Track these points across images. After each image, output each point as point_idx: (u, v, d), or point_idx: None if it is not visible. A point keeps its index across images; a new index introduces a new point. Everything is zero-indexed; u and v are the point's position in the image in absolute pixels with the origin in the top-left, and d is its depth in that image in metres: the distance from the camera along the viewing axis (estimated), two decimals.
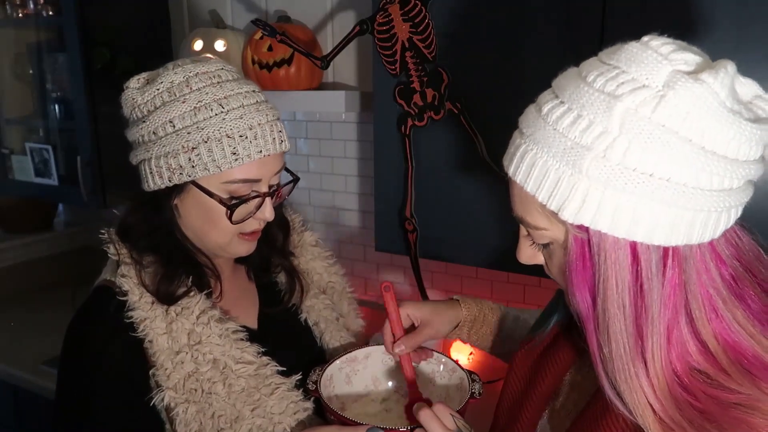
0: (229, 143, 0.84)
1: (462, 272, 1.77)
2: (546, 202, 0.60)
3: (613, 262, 0.59)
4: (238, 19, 1.94)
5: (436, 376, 0.99)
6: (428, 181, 1.36)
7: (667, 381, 0.60)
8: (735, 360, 0.59)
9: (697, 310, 0.59)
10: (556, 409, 0.79)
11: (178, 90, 0.85)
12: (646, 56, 0.56)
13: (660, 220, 0.56)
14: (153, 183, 0.88)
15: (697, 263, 0.59)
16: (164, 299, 0.88)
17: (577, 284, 0.62)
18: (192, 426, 0.84)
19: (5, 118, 2.17)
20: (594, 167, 0.56)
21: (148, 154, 0.87)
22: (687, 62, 0.56)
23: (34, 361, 1.91)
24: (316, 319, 1.07)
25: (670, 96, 0.54)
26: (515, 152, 0.63)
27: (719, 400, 0.58)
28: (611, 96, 0.56)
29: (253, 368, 0.89)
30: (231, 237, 0.91)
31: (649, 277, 0.58)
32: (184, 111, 0.84)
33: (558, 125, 0.59)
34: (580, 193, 0.57)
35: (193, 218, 0.90)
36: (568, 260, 0.63)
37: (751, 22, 0.98)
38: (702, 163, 0.54)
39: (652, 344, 0.59)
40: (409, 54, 1.30)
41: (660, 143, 0.54)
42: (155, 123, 0.85)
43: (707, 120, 0.54)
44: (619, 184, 0.56)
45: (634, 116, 0.55)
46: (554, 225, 0.63)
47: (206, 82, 0.86)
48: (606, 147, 0.56)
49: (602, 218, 0.57)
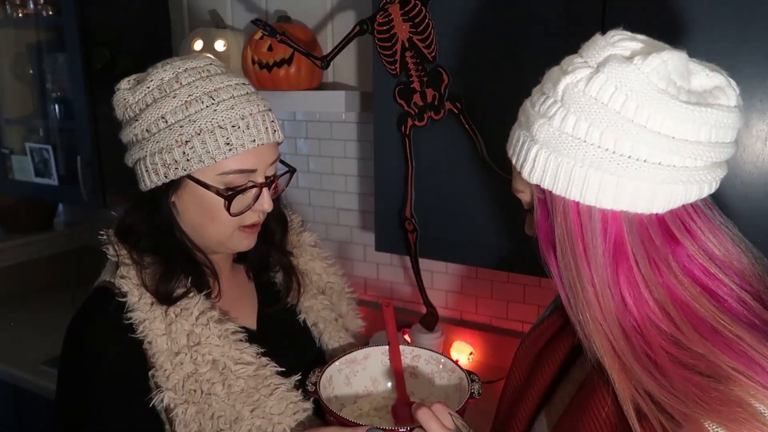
0: (222, 134, 0.85)
1: (462, 272, 1.77)
2: (514, 163, 0.70)
3: (562, 219, 0.67)
4: (238, 19, 1.94)
5: (435, 376, 0.99)
6: (428, 181, 1.36)
7: (621, 326, 0.66)
8: (686, 318, 0.64)
9: (646, 272, 0.65)
10: (554, 402, 0.81)
11: (168, 86, 0.86)
12: (598, 43, 0.65)
13: (591, 182, 0.63)
14: (149, 181, 0.88)
15: (641, 232, 0.65)
16: (163, 299, 0.88)
17: (542, 240, 0.71)
18: (191, 427, 0.84)
19: (5, 118, 2.17)
20: (541, 131, 0.65)
21: (143, 152, 0.87)
22: (628, 48, 0.64)
23: (34, 361, 1.91)
24: (315, 319, 1.07)
25: (601, 73, 0.62)
26: (511, 132, 0.73)
27: (672, 355, 0.63)
28: (562, 72, 0.66)
29: (252, 369, 0.89)
30: (231, 231, 0.91)
31: (590, 236, 0.65)
32: (175, 106, 0.85)
33: (532, 100, 0.70)
34: (533, 154, 0.67)
35: (191, 214, 0.90)
36: (535, 219, 0.71)
37: (750, 22, 0.98)
38: (628, 132, 0.61)
39: (602, 293, 0.66)
40: (409, 54, 1.30)
41: (590, 113, 0.62)
42: (148, 120, 0.86)
43: (635, 96, 0.60)
44: (559, 147, 0.64)
45: (573, 89, 0.63)
46: (525, 187, 0.72)
47: (195, 77, 0.87)
48: (551, 114, 0.65)
49: (548, 178, 0.66)
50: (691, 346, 0.62)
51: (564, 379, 0.82)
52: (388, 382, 1.02)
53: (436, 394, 0.98)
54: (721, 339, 0.62)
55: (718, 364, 0.60)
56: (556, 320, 0.86)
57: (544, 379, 0.83)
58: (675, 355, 0.63)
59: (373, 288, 1.96)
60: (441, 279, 1.81)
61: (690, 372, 0.61)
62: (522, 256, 1.28)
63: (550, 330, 0.87)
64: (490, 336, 1.75)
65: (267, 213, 0.93)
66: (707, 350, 0.61)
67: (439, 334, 1.69)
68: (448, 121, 1.29)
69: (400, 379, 0.98)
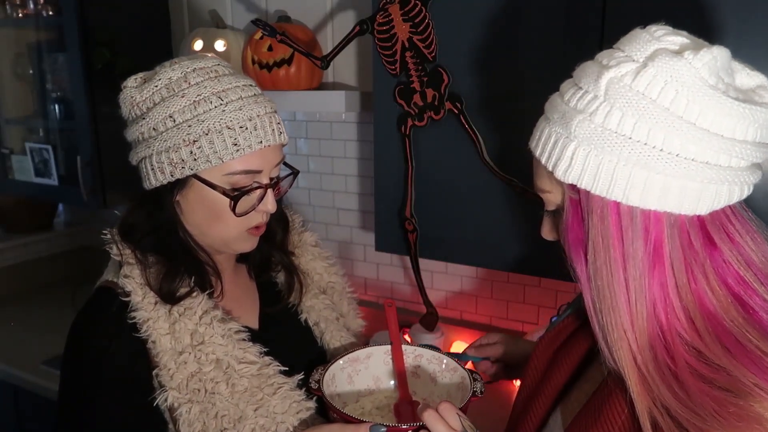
0: (230, 134, 0.85)
1: (462, 272, 1.78)
2: (546, 162, 0.67)
3: (599, 220, 0.64)
4: (238, 19, 1.94)
5: (437, 375, 1.00)
6: (428, 181, 1.36)
7: (649, 336, 0.63)
8: (710, 328, 0.62)
9: (680, 278, 0.63)
10: (570, 400, 0.80)
11: (176, 85, 0.86)
12: (641, 37, 0.63)
13: (636, 182, 0.61)
14: (155, 179, 0.88)
15: (681, 235, 0.63)
16: (166, 298, 0.88)
17: (572, 243, 0.68)
18: (195, 426, 0.84)
19: (5, 118, 2.17)
20: (580, 128, 0.62)
21: (149, 150, 0.87)
22: (675, 43, 0.62)
23: (34, 360, 1.91)
24: (317, 319, 1.07)
25: (650, 67, 0.59)
26: (536, 128, 0.70)
27: (695, 369, 0.61)
28: (603, 67, 0.63)
29: (255, 368, 0.89)
30: (237, 232, 0.91)
31: (630, 238, 0.63)
32: (183, 105, 0.85)
33: (565, 96, 0.66)
34: (569, 152, 0.63)
35: (196, 213, 0.90)
36: (564, 220, 0.68)
37: (750, 21, 0.98)
38: (678, 130, 0.59)
39: (636, 300, 0.63)
40: (409, 54, 1.31)
41: (638, 109, 0.59)
42: (155, 119, 0.86)
43: (685, 92, 0.58)
44: (601, 144, 0.61)
45: (617, 84, 0.61)
46: (554, 187, 0.69)
47: (204, 77, 0.87)
48: (592, 110, 0.62)
49: (587, 177, 0.63)
50: (712, 359, 0.61)
51: (581, 378, 0.81)
52: (391, 381, 1.02)
53: (438, 393, 0.98)
54: (744, 353, 0.60)
55: (739, 379, 0.59)
56: (574, 320, 0.85)
57: (561, 376, 0.82)
58: (695, 368, 0.61)
59: (373, 288, 1.96)
60: (441, 279, 1.81)
61: (709, 386, 0.60)
62: (522, 256, 1.28)
63: (567, 329, 0.86)
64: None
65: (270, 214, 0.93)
66: (729, 364, 0.60)
67: (439, 334, 1.69)
68: (448, 121, 1.30)
69: (403, 378, 0.98)
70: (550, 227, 0.76)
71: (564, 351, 0.84)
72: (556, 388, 0.82)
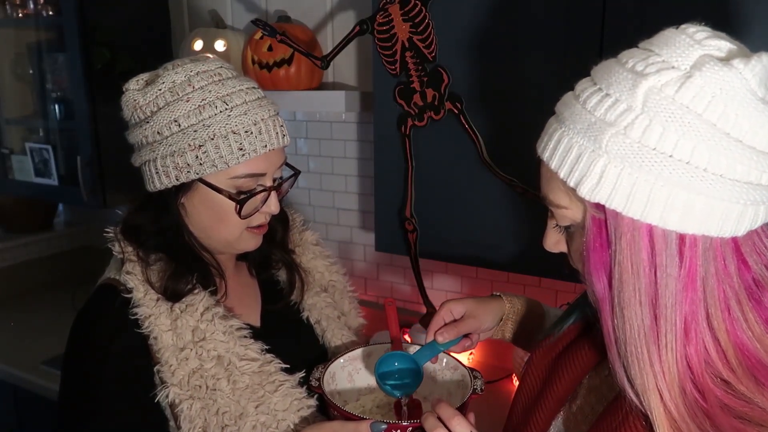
0: (236, 139, 0.86)
1: (462, 272, 1.78)
2: (566, 178, 0.60)
3: (628, 244, 0.58)
4: (238, 19, 1.94)
5: (437, 373, 1.00)
6: (428, 181, 1.36)
7: (678, 371, 0.58)
8: (742, 361, 0.58)
9: (713, 306, 0.58)
10: (573, 411, 0.77)
11: (180, 89, 0.86)
12: (679, 40, 0.56)
13: (676, 204, 0.55)
14: (159, 183, 0.88)
15: (716, 259, 0.58)
16: (171, 297, 0.88)
17: (594, 265, 0.61)
18: (196, 422, 0.84)
19: (5, 118, 2.17)
20: (613, 143, 0.56)
21: (154, 154, 0.87)
22: (720, 48, 0.55)
23: (34, 361, 1.91)
24: (318, 317, 1.08)
25: (696, 77, 0.53)
26: (546, 131, 0.64)
27: (726, 404, 0.57)
28: (638, 74, 0.56)
29: (257, 365, 0.89)
30: (239, 232, 0.92)
31: (663, 264, 0.57)
32: (188, 110, 0.85)
33: (587, 103, 0.59)
34: (599, 169, 0.57)
35: (200, 216, 0.91)
36: (585, 241, 0.62)
37: (750, 22, 0.98)
38: (725, 149, 0.53)
39: (666, 332, 0.58)
40: (409, 54, 1.31)
41: (681, 124, 0.53)
42: (159, 123, 0.86)
43: (734, 106, 0.53)
44: (637, 162, 0.55)
45: (658, 95, 0.54)
46: (574, 204, 0.62)
47: (208, 80, 0.87)
48: (627, 124, 0.55)
49: (618, 197, 0.57)
50: (744, 392, 0.57)
51: (584, 387, 0.77)
52: None
53: (438, 392, 0.98)
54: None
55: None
56: (576, 327, 0.81)
57: (563, 386, 0.78)
58: (726, 402, 0.57)
59: (373, 288, 1.96)
60: (441, 279, 1.81)
61: (741, 422, 0.56)
62: (522, 256, 1.28)
63: (568, 336, 0.81)
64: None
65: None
66: (762, 398, 0.56)
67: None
68: (448, 121, 1.30)
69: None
70: (556, 240, 0.70)
71: (566, 360, 0.79)
72: (559, 400, 0.78)
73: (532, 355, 0.86)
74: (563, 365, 0.79)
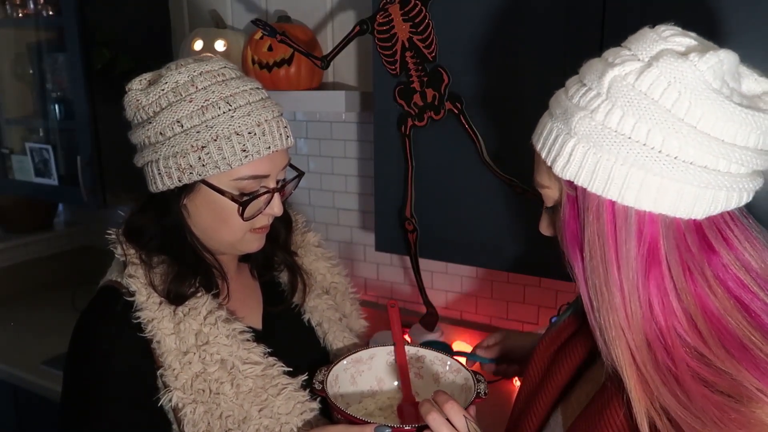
0: (239, 140, 0.85)
1: (462, 272, 1.78)
2: (546, 157, 0.67)
3: (594, 218, 0.64)
4: (238, 19, 1.94)
5: (440, 376, 1.00)
6: (428, 181, 1.36)
7: (646, 336, 0.63)
8: (711, 329, 0.62)
9: (678, 279, 0.63)
10: (570, 400, 0.80)
11: (183, 89, 0.85)
12: (647, 36, 0.63)
13: (632, 182, 0.60)
14: (162, 184, 0.88)
15: (676, 237, 0.62)
16: (175, 300, 0.88)
17: (569, 240, 0.68)
18: (200, 426, 0.84)
19: (5, 118, 2.17)
20: (581, 125, 0.62)
21: (156, 155, 0.87)
22: (681, 44, 0.61)
23: (34, 361, 1.90)
24: (320, 319, 1.07)
25: (654, 67, 0.59)
26: (539, 123, 0.70)
27: (696, 372, 0.61)
28: (607, 65, 0.63)
29: (260, 369, 0.89)
30: (243, 234, 0.91)
31: (624, 238, 0.62)
32: (191, 110, 0.84)
33: (568, 93, 0.66)
34: (568, 149, 0.63)
35: (203, 217, 0.91)
36: (561, 217, 0.68)
37: (750, 22, 0.98)
38: (677, 132, 0.58)
39: (631, 300, 0.63)
40: (409, 54, 1.31)
41: (639, 108, 0.59)
42: (162, 124, 0.85)
43: (688, 94, 0.58)
44: (600, 142, 0.61)
45: (620, 82, 0.60)
46: (553, 182, 0.69)
47: (211, 81, 0.86)
48: (594, 108, 0.62)
49: (584, 174, 0.63)
50: (715, 362, 0.60)
51: (582, 378, 0.81)
52: (394, 381, 1.02)
53: None
54: (749, 357, 0.60)
55: (743, 383, 0.58)
56: (574, 320, 0.85)
57: (561, 377, 0.82)
58: (697, 371, 0.61)
59: (373, 288, 1.96)
60: (441, 279, 1.81)
61: (711, 390, 0.59)
62: (522, 256, 1.28)
63: (568, 329, 0.85)
64: None
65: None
66: (732, 367, 0.59)
67: (439, 335, 1.69)
68: (448, 121, 1.30)
69: (406, 378, 0.98)
70: (547, 223, 0.76)
71: (565, 351, 0.83)
72: (556, 389, 0.82)
73: (535, 349, 0.90)
74: (562, 356, 0.83)
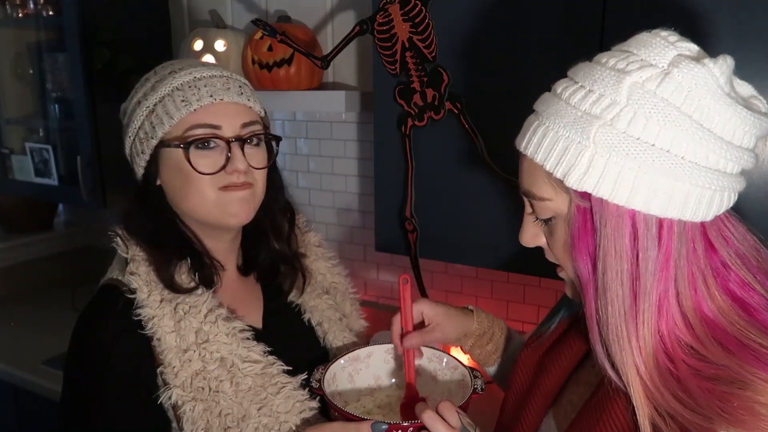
0: (180, 94, 0.88)
1: (462, 272, 1.78)
2: (553, 170, 0.64)
3: (613, 229, 0.62)
4: (238, 19, 1.94)
5: (438, 373, 1.00)
6: (428, 181, 1.36)
7: (653, 345, 0.63)
8: (708, 332, 0.62)
9: (682, 285, 0.63)
10: (562, 404, 0.80)
11: (145, 78, 0.93)
12: (655, 42, 0.61)
13: (658, 189, 0.60)
14: (137, 167, 0.92)
15: (687, 242, 0.63)
16: (169, 285, 0.88)
17: (579, 251, 0.66)
18: (199, 424, 0.84)
19: (5, 118, 2.17)
20: (601, 134, 0.60)
21: (129, 140, 0.92)
22: (690, 50, 0.61)
23: (34, 361, 1.90)
24: (320, 319, 1.07)
25: (675, 73, 0.59)
26: (527, 128, 0.68)
27: (696, 370, 0.61)
28: (621, 72, 0.61)
29: (259, 367, 0.89)
30: (214, 195, 0.88)
31: (645, 247, 0.62)
32: (147, 88, 0.91)
33: (570, 100, 0.63)
34: (586, 159, 0.61)
35: (173, 184, 0.90)
36: (571, 230, 0.66)
37: (750, 22, 0.98)
38: (700, 138, 0.59)
39: (644, 310, 0.63)
40: (409, 54, 1.31)
41: (662, 115, 0.58)
42: (129, 111, 0.92)
43: (707, 99, 0.58)
44: (623, 151, 0.60)
45: (640, 89, 0.59)
46: (559, 195, 0.66)
47: (174, 67, 0.91)
48: (613, 116, 0.60)
49: (605, 184, 0.61)
50: (713, 359, 0.61)
51: (571, 381, 0.80)
52: (392, 379, 1.03)
53: (439, 391, 0.98)
54: (747, 351, 0.60)
55: (741, 373, 0.59)
56: (560, 324, 0.85)
57: (551, 381, 0.81)
58: (696, 368, 0.61)
59: (373, 288, 1.96)
60: (441, 279, 1.81)
61: (712, 382, 0.60)
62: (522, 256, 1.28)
63: (555, 333, 0.85)
64: None
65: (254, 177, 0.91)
66: (730, 362, 0.60)
67: None
68: (448, 121, 1.30)
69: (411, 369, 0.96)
70: (535, 234, 0.73)
71: (553, 355, 0.83)
72: (547, 394, 0.81)
73: (519, 354, 0.89)
74: (550, 361, 0.82)
